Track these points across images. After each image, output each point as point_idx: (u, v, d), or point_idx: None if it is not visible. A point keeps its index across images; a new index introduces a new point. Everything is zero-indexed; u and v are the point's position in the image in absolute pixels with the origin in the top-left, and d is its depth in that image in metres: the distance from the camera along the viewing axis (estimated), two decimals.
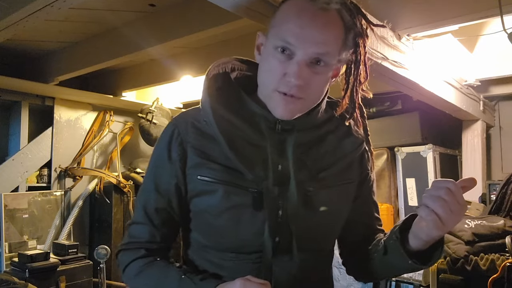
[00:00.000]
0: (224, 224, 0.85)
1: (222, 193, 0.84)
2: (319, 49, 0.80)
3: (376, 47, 1.62)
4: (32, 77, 3.05)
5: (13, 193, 2.99)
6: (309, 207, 0.86)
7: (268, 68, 0.83)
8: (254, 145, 0.86)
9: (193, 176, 0.87)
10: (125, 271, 0.92)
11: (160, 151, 0.91)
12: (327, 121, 0.93)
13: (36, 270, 2.55)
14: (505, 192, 2.22)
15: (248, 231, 0.85)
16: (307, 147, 0.89)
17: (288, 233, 0.85)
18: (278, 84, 0.82)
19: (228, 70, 0.93)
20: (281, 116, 0.84)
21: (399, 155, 2.87)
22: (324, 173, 0.88)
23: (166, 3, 2.20)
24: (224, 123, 0.86)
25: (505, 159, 3.03)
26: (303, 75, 0.80)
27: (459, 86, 2.50)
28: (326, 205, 0.88)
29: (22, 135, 3.12)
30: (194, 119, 0.90)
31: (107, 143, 3.63)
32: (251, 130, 0.87)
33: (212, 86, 0.89)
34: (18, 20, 1.71)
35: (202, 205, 0.87)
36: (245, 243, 0.86)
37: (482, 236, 1.87)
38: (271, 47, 0.82)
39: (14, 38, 2.51)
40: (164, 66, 3.00)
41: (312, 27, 0.79)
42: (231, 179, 0.84)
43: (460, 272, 1.79)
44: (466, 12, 1.65)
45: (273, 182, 0.84)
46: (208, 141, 0.87)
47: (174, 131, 0.90)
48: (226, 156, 0.85)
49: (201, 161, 0.86)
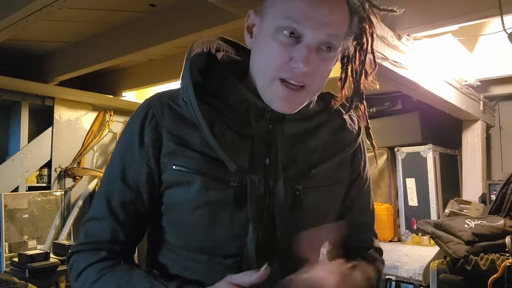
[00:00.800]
0: (198, 221, 0.74)
1: (200, 186, 0.73)
2: (330, 31, 0.70)
3: (376, 47, 1.62)
4: (32, 77, 3.05)
5: (13, 193, 2.99)
6: (298, 207, 0.77)
7: (268, 53, 0.72)
8: (239, 133, 0.76)
9: (168, 165, 0.75)
10: (79, 278, 0.76)
11: (130, 136, 0.78)
12: (317, 113, 0.84)
13: (36, 270, 2.55)
14: (505, 192, 2.21)
15: (225, 231, 0.74)
16: (296, 140, 0.80)
17: (274, 237, 0.75)
18: (280, 70, 0.71)
19: (213, 51, 0.82)
20: (282, 110, 0.75)
21: (399, 155, 2.87)
22: (315, 170, 0.79)
23: (166, 3, 2.20)
24: (206, 106, 0.75)
25: (505, 159, 3.03)
26: (312, 61, 0.69)
27: (459, 86, 2.50)
28: (315, 206, 0.79)
29: (22, 135, 3.12)
30: (171, 101, 0.79)
31: (107, 143, 3.63)
32: (236, 116, 0.77)
33: (194, 66, 0.78)
34: (18, 20, 1.71)
35: (175, 198, 0.76)
36: (220, 245, 0.75)
37: (482, 236, 1.87)
38: (271, 28, 0.71)
39: (14, 38, 2.51)
40: (164, 66, 3.00)
41: (322, 7, 0.69)
42: (210, 169, 0.74)
43: (460, 272, 1.79)
44: (466, 12, 1.65)
45: (258, 176, 0.75)
46: (186, 126, 0.76)
47: (147, 112, 0.78)
48: (206, 144, 0.74)
49: (178, 148, 0.75)
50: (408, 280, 2.17)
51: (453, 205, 2.56)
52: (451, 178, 2.98)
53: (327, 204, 0.82)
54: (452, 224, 1.94)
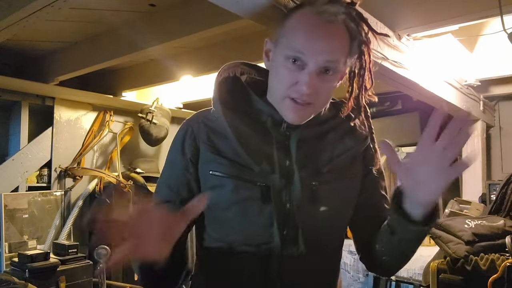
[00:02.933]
0: (233, 217, 0.89)
1: (232, 187, 0.88)
2: (328, 58, 0.85)
3: (376, 47, 1.62)
4: (32, 77, 3.05)
5: (13, 193, 2.99)
6: (314, 201, 0.90)
7: (279, 76, 0.88)
8: (261, 141, 0.91)
9: (206, 171, 0.91)
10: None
11: (174, 150, 0.97)
12: (330, 119, 0.97)
13: (36, 270, 2.55)
14: (505, 192, 2.21)
15: (256, 223, 0.89)
16: (310, 143, 0.93)
17: (295, 226, 0.88)
18: (289, 91, 0.87)
19: (238, 74, 0.99)
20: (292, 121, 0.90)
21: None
22: (328, 167, 0.92)
23: (166, 3, 2.20)
24: (233, 120, 0.91)
25: (505, 159, 3.03)
26: (313, 84, 0.85)
27: (459, 86, 2.50)
28: (330, 199, 0.91)
29: (22, 135, 3.12)
30: (205, 118, 0.96)
31: (107, 143, 3.63)
32: (258, 127, 0.92)
33: (223, 88, 0.95)
34: (18, 20, 1.71)
35: (213, 199, 0.90)
36: (252, 236, 0.89)
37: (482, 236, 1.87)
38: (282, 57, 0.87)
39: (14, 38, 2.51)
40: (164, 66, 3.00)
41: (321, 39, 0.84)
42: (239, 173, 0.89)
43: (460, 272, 1.79)
44: (466, 12, 1.65)
45: (279, 176, 0.89)
46: (218, 138, 0.92)
47: (187, 129, 0.95)
48: (235, 152, 0.90)
49: (213, 156, 0.91)
50: (408, 280, 2.17)
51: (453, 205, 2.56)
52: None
53: (341, 196, 0.94)
54: (452, 224, 1.94)
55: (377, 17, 1.65)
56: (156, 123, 3.40)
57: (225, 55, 2.62)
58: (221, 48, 2.70)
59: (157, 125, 3.42)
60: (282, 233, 0.88)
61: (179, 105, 3.83)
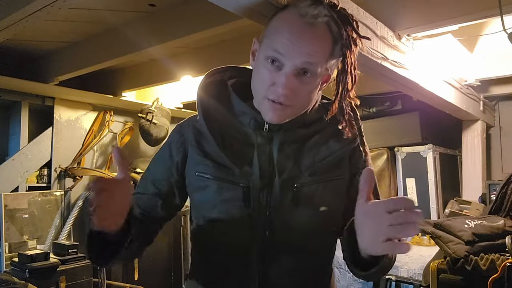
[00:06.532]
0: (217, 217, 0.92)
1: (215, 188, 0.91)
2: (306, 60, 0.84)
3: (376, 47, 1.62)
4: (32, 77, 3.04)
5: (13, 193, 2.98)
6: (295, 203, 0.90)
7: (259, 77, 0.89)
8: (243, 144, 0.93)
9: (192, 172, 0.95)
10: None
11: (163, 151, 1.01)
12: (316, 121, 0.97)
13: (36, 270, 2.54)
14: (505, 192, 2.22)
15: (238, 224, 0.91)
16: (293, 145, 0.94)
17: (276, 228, 0.89)
18: (267, 92, 0.87)
19: (225, 78, 1.00)
20: (271, 120, 0.90)
21: (399, 155, 2.87)
22: (311, 169, 0.92)
23: (166, 3, 2.20)
24: (215, 124, 0.94)
25: (505, 159, 3.03)
26: (290, 86, 0.85)
27: (459, 86, 2.50)
28: (312, 201, 0.91)
29: (22, 135, 3.12)
30: (195, 122, 0.99)
31: (107, 143, 3.63)
32: (242, 129, 0.94)
33: (205, 93, 0.97)
34: (18, 20, 1.71)
35: (198, 200, 0.96)
36: (236, 236, 0.92)
37: (482, 236, 1.87)
38: (262, 57, 0.88)
39: (14, 38, 2.51)
40: (164, 66, 3.00)
41: (300, 41, 0.84)
42: (222, 175, 0.92)
43: (460, 272, 1.79)
44: (466, 12, 1.65)
45: (260, 178, 0.90)
46: (204, 140, 0.95)
47: (179, 131, 1.00)
48: (218, 154, 0.92)
49: (200, 158, 0.94)
50: (408, 280, 2.17)
51: (453, 205, 2.57)
52: (451, 178, 2.98)
53: (325, 198, 0.93)
54: (452, 224, 1.95)
55: (377, 17, 1.65)
56: (156, 123, 3.40)
57: (225, 55, 2.62)
58: (221, 48, 2.70)
59: (157, 125, 3.42)
60: (263, 234, 0.89)
61: (179, 105, 3.82)
